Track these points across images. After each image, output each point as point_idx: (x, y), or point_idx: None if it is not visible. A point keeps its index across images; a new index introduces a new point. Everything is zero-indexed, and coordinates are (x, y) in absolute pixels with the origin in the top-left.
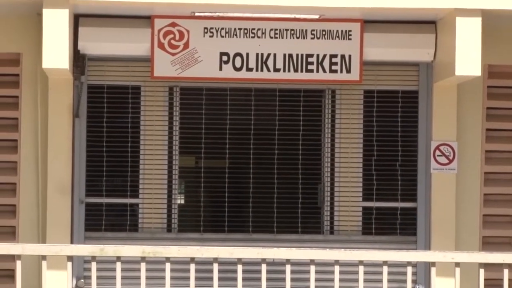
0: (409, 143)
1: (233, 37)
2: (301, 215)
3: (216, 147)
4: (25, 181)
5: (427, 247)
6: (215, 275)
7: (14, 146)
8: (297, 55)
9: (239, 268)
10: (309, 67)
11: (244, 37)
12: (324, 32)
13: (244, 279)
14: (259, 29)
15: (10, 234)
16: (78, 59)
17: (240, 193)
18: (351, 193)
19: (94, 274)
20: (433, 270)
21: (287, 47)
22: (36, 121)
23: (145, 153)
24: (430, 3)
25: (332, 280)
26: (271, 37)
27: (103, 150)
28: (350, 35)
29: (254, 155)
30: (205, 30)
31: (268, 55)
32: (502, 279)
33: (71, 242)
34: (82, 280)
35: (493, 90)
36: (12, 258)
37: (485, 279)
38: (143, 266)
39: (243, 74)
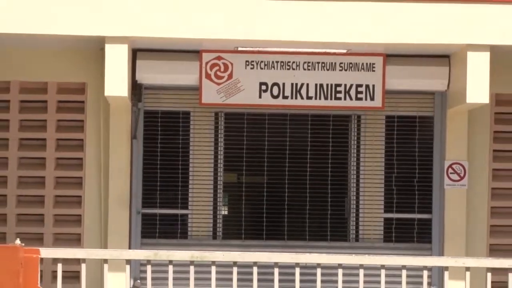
0: (425, 162)
1: (271, 69)
2: (330, 225)
3: (255, 165)
4: (89, 194)
5: (441, 253)
6: (255, 277)
7: (80, 164)
8: (327, 84)
9: (276, 271)
10: (338, 95)
11: (280, 69)
12: (351, 65)
13: (280, 280)
14: (293, 62)
15: (76, 240)
16: (136, 88)
17: (277, 205)
18: (374, 205)
19: (149, 275)
20: (446, 273)
21: (319, 77)
22: (99, 142)
23: (194, 170)
24: (444, 39)
25: (357, 281)
26: (304, 69)
27: (157, 167)
28: (374, 67)
29: (289, 172)
30: (247, 63)
31: (302, 84)
32: (507, 282)
33: (129, 248)
34: (139, 281)
35: (500, 116)
36: (78, 261)
37: (492, 282)
38: (192, 269)
39: (280, 101)
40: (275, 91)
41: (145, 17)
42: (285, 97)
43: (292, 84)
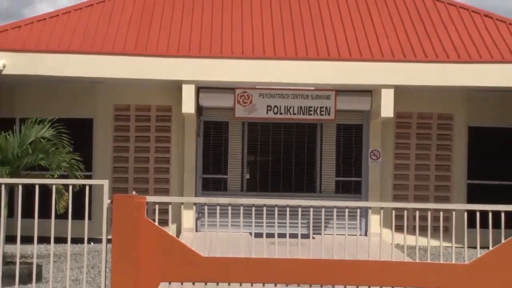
0: (358, 149)
1: (273, 98)
2: (305, 183)
3: (265, 151)
4: (173, 167)
5: (367, 200)
6: (264, 213)
7: (168, 150)
8: (304, 106)
9: (276, 210)
10: (310, 112)
11: (279, 97)
12: (317, 95)
13: (278, 216)
14: (285, 94)
15: (165, 192)
16: (199, 108)
17: (276, 172)
18: (329, 172)
19: (206, 212)
20: (369, 211)
21: (299, 102)
22: (178, 138)
23: (230, 153)
24: (369, 82)
25: (321, 216)
26: (291, 98)
27: (210, 152)
28: (330, 97)
29: (283, 155)
30: (260, 94)
31: (290, 106)
32: (403, 215)
33: (195, 196)
34: (200, 214)
35: (400, 124)
36: (167, 204)
37: (395, 215)
38: (229, 208)
39: (278, 116)
40: (275, 110)
41: (204, 70)
42: (281, 114)
43: (285, 106)
